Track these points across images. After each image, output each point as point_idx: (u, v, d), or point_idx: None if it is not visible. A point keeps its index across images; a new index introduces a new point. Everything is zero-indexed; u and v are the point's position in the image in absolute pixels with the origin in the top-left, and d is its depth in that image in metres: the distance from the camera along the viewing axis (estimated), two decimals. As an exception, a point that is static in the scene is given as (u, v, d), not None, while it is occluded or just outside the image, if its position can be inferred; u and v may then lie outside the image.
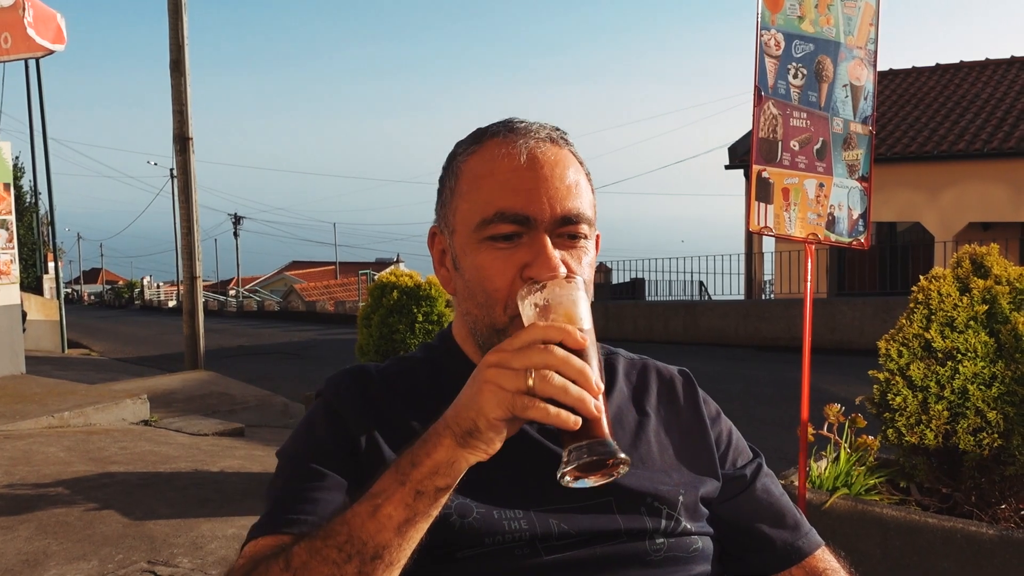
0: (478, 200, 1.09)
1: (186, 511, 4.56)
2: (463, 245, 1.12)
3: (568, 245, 1.10)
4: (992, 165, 15.54)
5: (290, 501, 1.04)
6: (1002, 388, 2.92)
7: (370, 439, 1.09)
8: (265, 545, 1.00)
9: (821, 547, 1.23)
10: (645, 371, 1.28)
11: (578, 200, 1.10)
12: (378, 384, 1.17)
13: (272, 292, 45.16)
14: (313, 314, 28.73)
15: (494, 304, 1.09)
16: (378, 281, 5.40)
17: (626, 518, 1.08)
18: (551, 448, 1.11)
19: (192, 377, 10.42)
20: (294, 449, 1.12)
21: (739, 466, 1.24)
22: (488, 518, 1.03)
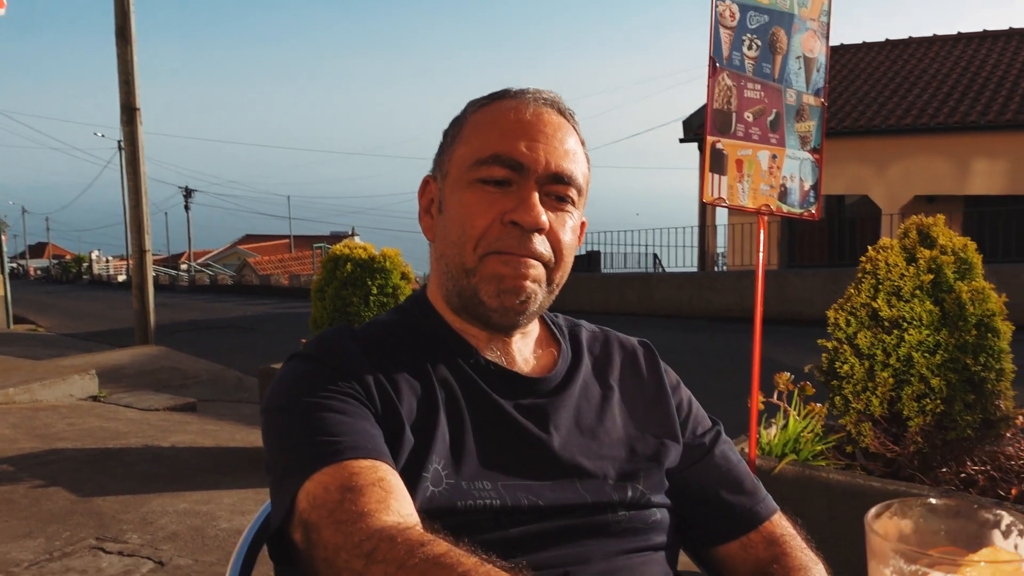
0: (477, 143, 1.11)
1: (136, 487, 4.50)
2: (453, 185, 1.13)
3: (555, 207, 1.11)
4: (938, 140, 15.84)
5: (332, 432, 0.97)
6: (945, 355, 2.99)
7: (374, 386, 1.04)
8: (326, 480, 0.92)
9: (777, 512, 1.25)
10: (608, 343, 1.29)
11: (573, 164, 1.12)
12: (365, 341, 1.13)
13: (225, 266, 44.50)
14: (267, 288, 28.42)
15: (466, 242, 1.09)
16: (331, 253, 5.34)
17: (592, 493, 1.09)
18: (523, 423, 1.10)
19: (142, 352, 10.25)
20: (293, 397, 1.04)
21: (699, 434, 1.25)
22: (458, 488, 1.03)
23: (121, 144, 10.34)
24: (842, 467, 3.16)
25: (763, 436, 3.34)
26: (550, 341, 1.24)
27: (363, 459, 0.95)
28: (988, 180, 15.62)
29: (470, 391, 1.11)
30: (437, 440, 1.04)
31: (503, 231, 1.07)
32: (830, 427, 3.40)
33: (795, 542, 1.22)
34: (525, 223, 1.06)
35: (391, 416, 1.03)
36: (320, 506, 0.91)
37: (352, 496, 0.90)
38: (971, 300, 3.01)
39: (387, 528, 0.86)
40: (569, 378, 1.18)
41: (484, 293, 1.09)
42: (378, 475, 0.94)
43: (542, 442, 1.10)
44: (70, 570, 3.36)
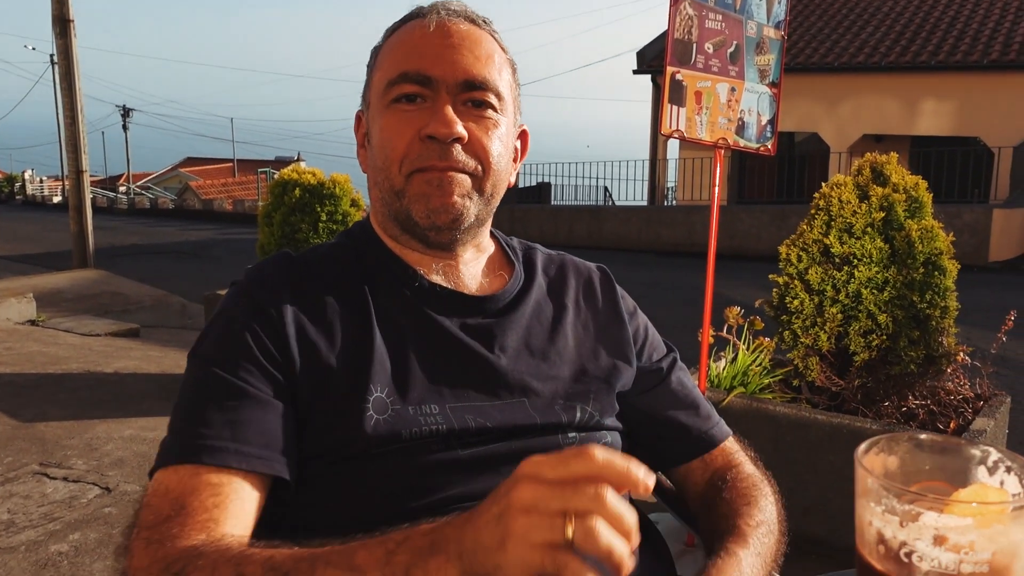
0: (387, 66, 1.11)
1: (79, 413, 4.42)
2: (374, 114, 1.13)
3: (474, 114, 1.09)
4: (888, 79, 15.97)
5: (211, 422, 0.97)
6: (893, 292, 3.05)
7: (300, 334, 1.03)
8: (170, 481, 0.93)
9: (730, 436, 1.28)
10: (563, 266, 1.28)
11: (487, 69, 1.09)
12: (303, 271, 1.11)
13: (166, 189, 43.35)
14: (210, 212, 27.81)
15: (391, 165, 1.08)
16: (279, 178, 5.22)
17: (542, 414, 1.09)
18: (468, 343, 1.09)
19: (81, 276, 10.00)
20: (212, 353, 1.02)
21: (655, 360, 1.26)
22: (404, 414, 1.02)
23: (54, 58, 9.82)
24: (788, 400, 3.23)
25: (712, 369, 3.39)
26: (503, 263, 1.23)
27: (218, 468, 0.93)
28: (935, 121, 15.84)
29: (412, 315, 1.10)
30: (376, 368, 1.03)
31: (423, 147, 1.06)
32: (778, 361, 3.47)
33: (746, 457, 1.26)
34: (440, 135, 1.05)
35: (319, 353, 1.02)
36: (151, 507, 0.91)
37: (179, 518, 0.89)
38: (920, 238, 3.06)
39: (196, 546, 0.85)
40: (520, 298, 1.17)
41: (415, 213, 1.08)
42: (221, 496, 0.92)
43: (489, 362, 1.09)
44: (14, 495, 3.30)
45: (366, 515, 0.98)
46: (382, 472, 0.99)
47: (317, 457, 1.01)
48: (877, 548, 0.53)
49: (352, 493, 1.00)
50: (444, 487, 1.00)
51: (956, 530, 0.50)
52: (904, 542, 0.51)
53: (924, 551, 0.51)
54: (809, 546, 3.02)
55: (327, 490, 1.01)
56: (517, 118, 1.18)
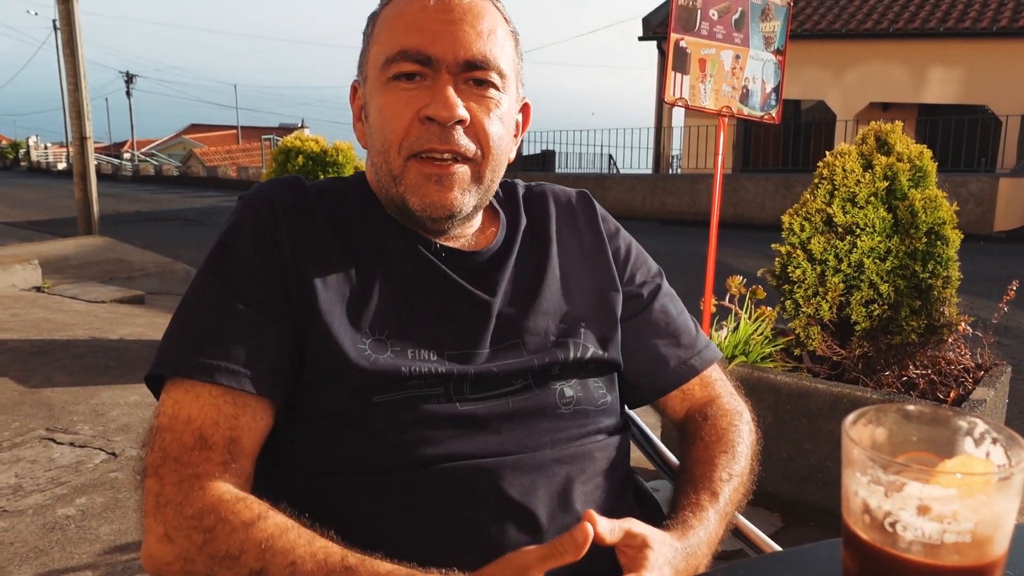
0: (385, 41, 1.07)
1: (85, 379, 4.46)
2: (371, 90, 1.10)
3: (476, 93, 1.07)
4: (895, 45, 15.80)
5: (213, 340, 0.99)
6: (895, 262, 3.05)
7: (300, 261, 1.04)
8: (191, 408, 0.96)
9: (713, 363, 1.27)
10: (544, 197, 1.27)
11: (488, 46, 1.06)
12: (311, 196, 1.11)
13: (170, 156, 43.27)
14: (214, 179, 27.78)
15: (389, 147, 1.06)
16: (282, 145, 5.20)
17: (538, 355, 1.09)
18: (469, 289, 1.10)
19: (86, 243, 10.01)
20: (217, 270, 1.04)
21: (638, 283, 1.25)
22: (402, 357, 1.03)
23: (56, 23, 9.78)
24: (789, 369, 3.24)
25: (714, 338, 3.40)
26: (491, 216, 1.23)
27: (238, 391, 0.98)
28: (942, 88, 15.70)
29: (413, 265, 1.10)
30: (372, 310, 1.04)
31: (422, 129, 1.04)
32: (780, 330, 3.47)
33: (726, 387, 1.27)
34: (440, 117, 1.02)
35: (318, 287, 1.03)
36: (174, 433, 0.96)
37: (205, 452, 0.94)
38: (923, 208, 3.05)
39: (226, 503, 0.91)
40: (508, 243, 1.18)
41: (411, 203, 1.07)
42: (239, 428, 0.98)
43: (483, 310, 1.10)
44: (21, 460, 3.34)
45: (363, 463, 1.00)
46: (381, 421, 1.00)
47: (311, 389, 1.02)
48: (862, 518, 0.54)
49: (349, 440, 1.01)
50: (442, 442, 1.01)
51: (939, 500, 0.50)
52: (889, 512, 0.52)
53: (908, 521, 0.52)
54: (808, 512, 3.05)
55: (324, 436, 1.02)
56: (519, 92, 1.16)
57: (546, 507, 1.01)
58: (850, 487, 0.55)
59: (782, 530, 2.97)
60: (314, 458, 1.02)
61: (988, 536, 0.51)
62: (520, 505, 1.00)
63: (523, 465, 1.02)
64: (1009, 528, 0.52)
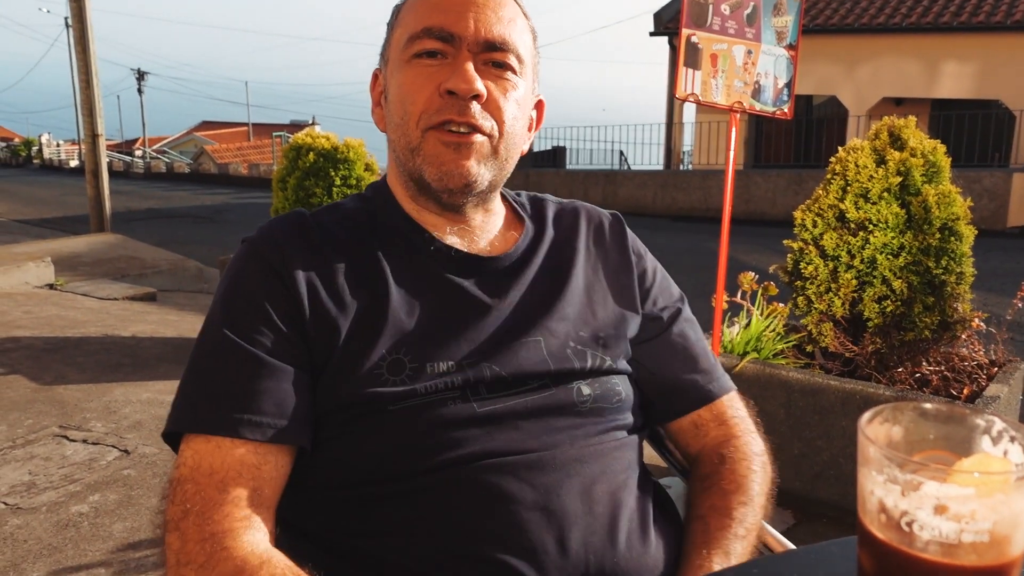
0: (410, 21, 1.10)
1: (98, 376, 4.48)
2: (393, 69, 1.12)
3: (494, 74, 1.09)
4: (909, 40, 15.69)
5: (234, 393, 0.99)
6: (908, 258, 3.03)
7: (312, 294, 1.04)
8: (213, 459, 0.96)
9: (731, 393, 1.27)
10: (575, 213, 1.28)
11: (509, 30, 1.09)
12: (315, 230, 1.11)
13: (181, 153, 43.40)
14: (226, 176, 27.85)
15: (408, 119, 1.08)
16: (293, 143, 5.20)
17: (555, 359, 1.09)
18: (484, 301, 1.10)
19: (98, 240, 10.06)
20: (227, 320, 1.04)
21: (659, 307, 1.25)
22: (420, 372, 1.03)
23: (68, 21, 9.81)
24: (801, 366, 3.23)
25: (726, 335, 3.39)
26: (515, 222, 1.24)
27: (259, 443, 0.97)
28: (956, 83, 15.58)
29: (427, 276, 1.11)
30: (389, 330, 1.04)
31: (441, 103, 1.06)
32: (792, 327, 3.46)
33: (743, 425, 1.25)
34: (460, 90, 1.05)
35: (331, 315, 1.03)
36: (197, 486, 0.94)
37: (228, 507, 0.93)
38: (937, 204, 3.03)
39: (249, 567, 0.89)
40: (531, 252, 1.18)
41: (428, 175, 1.08)
42: (261, 479, 0.97)
43: (501, 316, 1.10)
44: (35, 457, 3.36)
45: (384, 471, 1.00)
46: (398, 428, 1.01)
47: (330, 415, 1.02)
48: (879, 517, 0.54)
49: (369, 450, 1.01)
50: (462, 443, 1.01)
51: (957, 500, 0.50)
52: (905, 511, 0.52)
53: (925, 520, 0.51)
54: (820, 509, 3.04)
55: (344, 448, 1.02)
56: (535, 86, 1.18)
57: (571, 506, 1.01)
58: (866, 486, 0.54)
59: (794, 527, 2.96)
60: (336, 471, 1.03)
61: (1006, 536, 0.51)
62: (544, 503, 1.00)
63: (544, 463, 1.02)
64: (1028, 527, 0.51)
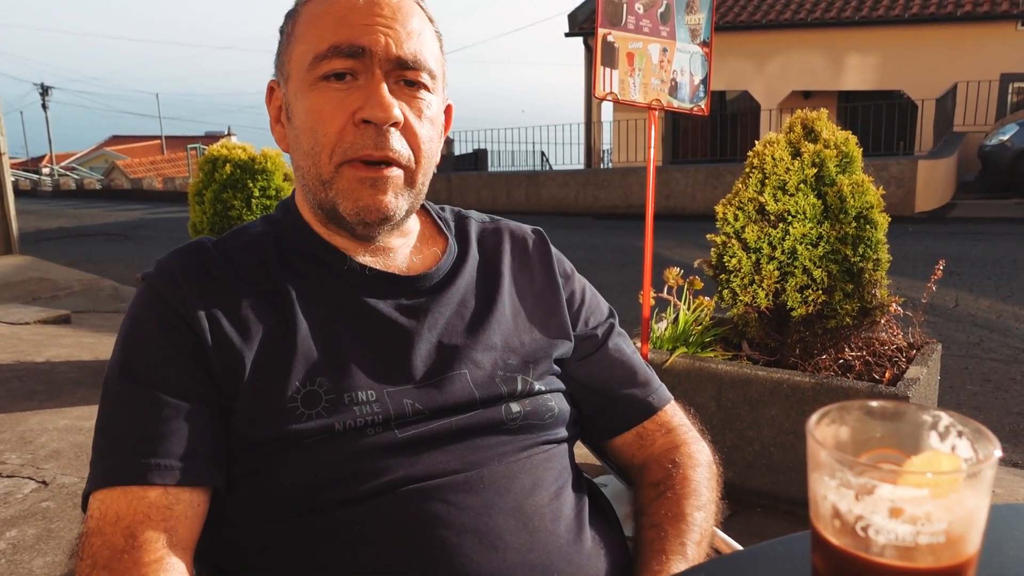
0: (312, 38, 1.02)
1: (10, 405, 4.28)
2: (296, 90, 1.05)
3: (407, 94, 1.04)
4: (814, 35, 16.21)
5: (135, 440, 0.93)
6: (827, 247, 3.10)
7: (215, 329, 0.99)
8: (115, 502, 0.90)
9: (671, 402, 1.26)
10: (498, 233, 1.24)
11: (419, 46, 1.04)
12: (217, 261, 1.05)
13: (92, 169, 42.01)
14: (140, 192, 27.06)
15: (320, 151, 1.02)
16: (209, 155, 5.07)
17: (481, 388, 1.06)
18: (404, 324, 1.06)
19: (6, 262, 9.64)
20: (126, 367, 0.98)
21: (591, 326, 1.24)
22: (338, 404, 0.98)
23: (-36, 36, 9.39)
24: (730, 358, 3.27)
25: (654, 330, 3.41)
26: (436, 237, 1.20)
27: (164, 487, 0.92)
28: (861, 75, 16.15)
29: (342, 299, 1.06)
30: (300, 361, 0.99)
31: (356, 133, 1.00)
32: (718, 320, 3.51)
33: (691, 433, 1.24)
34: (377, 119, 0.99)
35: (237, 349, 0.98)
36: (103, 536, 0.89)
37: (136, 553, 0.87)
38: (851, 193, 3.11)
39: None
40: (454, 273, 1.14)
41: (343, 209, 1.03)
42: (171, 520, 0.91)
43: (425, 341, 1.06)
44: (-58, 496, 3.18)
45: (304, 505, 0.96)
46: (317, 461, 0.96)
47: (243, 452, 0.98)
48: (832, 522, 0.53)
49: (287, 484, 0.96)
50: (384, 471, 0.97)
51: (912, 501, 0.49)
52: (860, 516, 0.51)
53: (880, 524, 0.50)
54: (754, 499, 3.08)
55: (261, 484, 0.97)
56: (444, 93, 1.13)
57: (504, 524, 0.98)
58: (818, 491, 0.53)
59: (730, 517, 2.99)
60: (254, 507, 0.98)
61: (961, 535, 0.50)
62: (475, 525, 0.97)
63: (472, 484, 0.99)
64: (981, 525, 0.51)
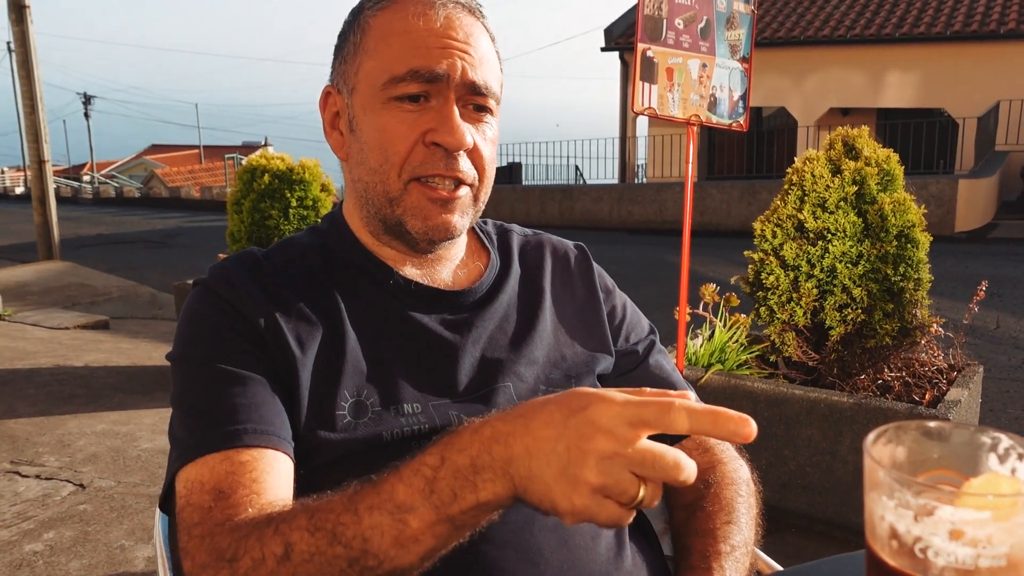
0: (388, 57, 1.02)
1: (50, 408, 4.35)
2: (365, 105, 1.05)
3: (475, 118, 1.05)
4: (853, 51, 16.05)
5: (222, 410, 0.94)
6: (867, 266, 3.06)
7: (271, 330, 1.00)
8: (218, 465, 0.90)
9: None
10: (540, 248, 1.25)
11: (489, 71, 1.05)
12: (269, 272, 1.07)
13: (131, 177, 42.71)
14: (177, 200, 27.45)
15: (389, 169, 1.03)
16: (247, 164, 5.13)
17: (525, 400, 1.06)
18: (448, 338, 1.07)
19: (47, 268, 9.82)
20: (197, 352, 0.99)
21: (632, 342, 1.24)
22: (385, 416, 1.00)
23: (11, 45, 9.58)
24: (766, 376, 3.24)
25: (689, 347, 3.39)
26: (479, 251, 1.21)
27: (244, 448, 0.92)
28: (900, 93, 15.96)
29: (388, 313, 1.07)
30: (350, 373, 1.01)
31: (427, 154, 1.02)
32: (755, 337, 3.48)
33: (728, 451, 1.23)
34: (449, 145, 1.01)
35: (292, 358, 0.99)
36: (192, 505, 0.89)
37: (222, 504, 0.87)
38: (893, 211, 3.07)
39: (240, 524, 0.84)
40: (497, 288, 1.15)
41: (411, 226, 1.04)
42: (256, 471, 0.91)
43: (469, 355, 1.07)
44: (-17, 496, 3.24)
45: None
46: (361, 470, 0.96)
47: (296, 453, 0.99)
48: (890, 543, 0.52)
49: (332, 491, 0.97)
50: None
51: (973, 524, 0.48)
52: (919, 537, 0.50)
53: (940, 546, 0.49)
54: (789, 519, 3.04)
55: (305, 490, 0.98)
56: None
57: (544, 541, 0.98)
58: (876, 511, 0.52)
59: (764, 538, 2.95)
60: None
61: (1023, 559, 0.49)
62: (516, 540, 0.97)
63: None
64: (1042, 549, 0.50)
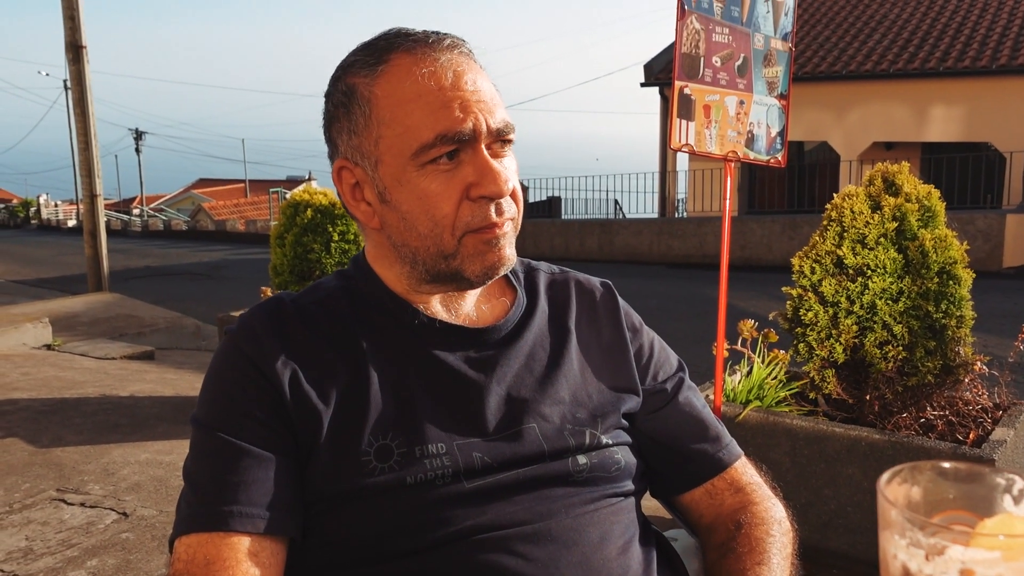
0: (410, 126, 1.02)
1: (96, 437, 4.44)
2: (396, 176, 1.04)
3: (500, 153, 1.07)
4: (896, 85, 15.93)
5: (220, 488, 0.98)
6: (908, 303, 3.03)
7: (293, 385, 1.02)
8: (203, 547, 0.95)
9: (741, 458, 1.25)
10: (566, 285, 1.26)
11: (502, 110, 1.08)
12: (296, 318, 1.09)
13: (179, 211, 43.67)
14: (223, 233, 27.99)
15: (441, 232, 1.04)
16: (291, 199, 5.24)
17: (550, 442, 1.07)
18: (473, 377, 1.08)
19: (96, 299, 10.05)
20: (211, 418, 1.03)
21: (660, 380, 1.23)
22: (409, 458, 1.01)
23: (67, 84, 9.92)
24: (805, 413, 3.21)
25: (727, 383, 3.37)
26: (504, 288, 1.21)
27: (228, 533, 0.95)
28: (945, 127, 15.78)
29: (412, 353, 1.08)
30: (374, 415, 1.02)
31: (474, 208, 1.03)
32: (793, 374, 3.45)
33: (761, 491, 1.22)
34: (494, 195, 1.03)
35: (314, 404, 1.02)
36: (179, 573, 0.94)
37: None
38: (934, 248, 3.04)
39: None
40: (523, 326, 1.16)
41: (469, 272, 1.06)
42: (233, 559, 0.95)
43: (494, 394, 1.08)
44: (32, 522, 3.31)
45: (375, 553, 0.99)
46: (387, 513, 0.99)
47: (317, 502, 1.01)
48: None
49: (359, 533, 0.99)
50: (452, 521, 0.99)
51: (984, 564, 0.49)
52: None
53: None
54: (829, 559, 2.99)
55: (333, 531, 1.00)
56: None
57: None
58: (888, 550, 0.53)
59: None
60: (326, 554, 1.01)
61: (1034, 599, 0.50)
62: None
63: (540, 535, 1.00)
64: (1055, 591, 0.50)
